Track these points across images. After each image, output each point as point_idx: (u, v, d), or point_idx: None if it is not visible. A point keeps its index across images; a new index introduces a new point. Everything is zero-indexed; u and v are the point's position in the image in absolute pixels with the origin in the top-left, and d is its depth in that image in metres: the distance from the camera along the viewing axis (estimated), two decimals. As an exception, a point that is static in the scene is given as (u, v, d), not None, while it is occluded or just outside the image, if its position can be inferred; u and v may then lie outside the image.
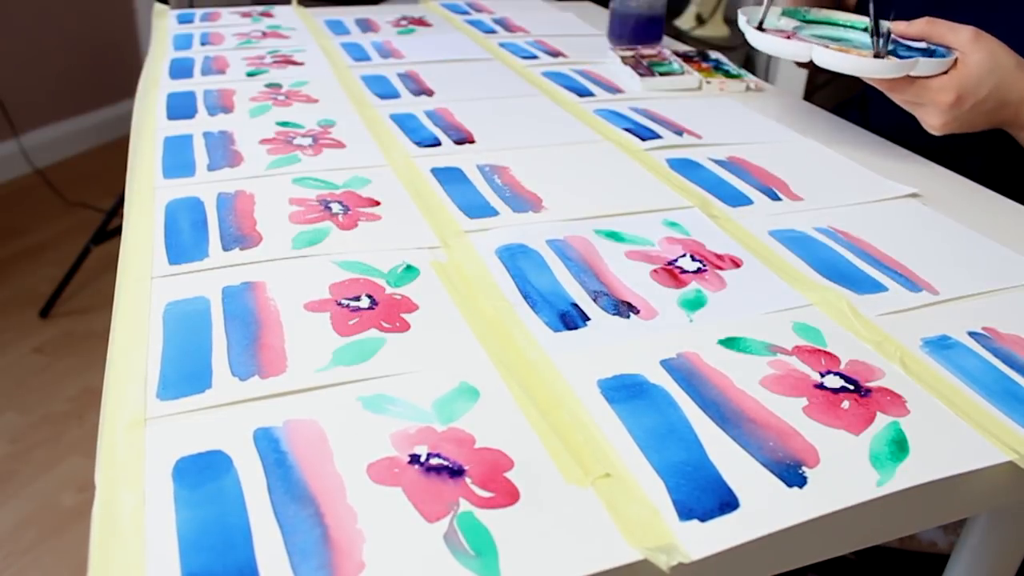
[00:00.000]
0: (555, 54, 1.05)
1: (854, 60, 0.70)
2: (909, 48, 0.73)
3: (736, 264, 0.57)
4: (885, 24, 0.73)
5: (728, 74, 0.97)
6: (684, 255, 0.58)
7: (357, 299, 0.51)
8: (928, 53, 0.71)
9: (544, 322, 0.50)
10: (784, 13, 0.84)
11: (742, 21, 0.80)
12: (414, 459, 0.39)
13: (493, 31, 1.15)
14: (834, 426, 0.42)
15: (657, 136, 0.79)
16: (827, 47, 0.72)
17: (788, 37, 0.77)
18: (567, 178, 0.70)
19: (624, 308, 0.52)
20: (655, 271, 0.56)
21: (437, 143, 0.76)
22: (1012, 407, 0.44)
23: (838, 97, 0.91)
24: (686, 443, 0.40)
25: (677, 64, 0.98)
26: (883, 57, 0.70)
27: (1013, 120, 0.70)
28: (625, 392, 0.44)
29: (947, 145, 0.75)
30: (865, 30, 0.81)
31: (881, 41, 0.72)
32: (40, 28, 2.45)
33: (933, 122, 0.70)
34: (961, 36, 0.69)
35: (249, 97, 0.85)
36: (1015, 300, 0.55)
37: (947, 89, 0.68)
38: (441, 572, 0.33)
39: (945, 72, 0.69)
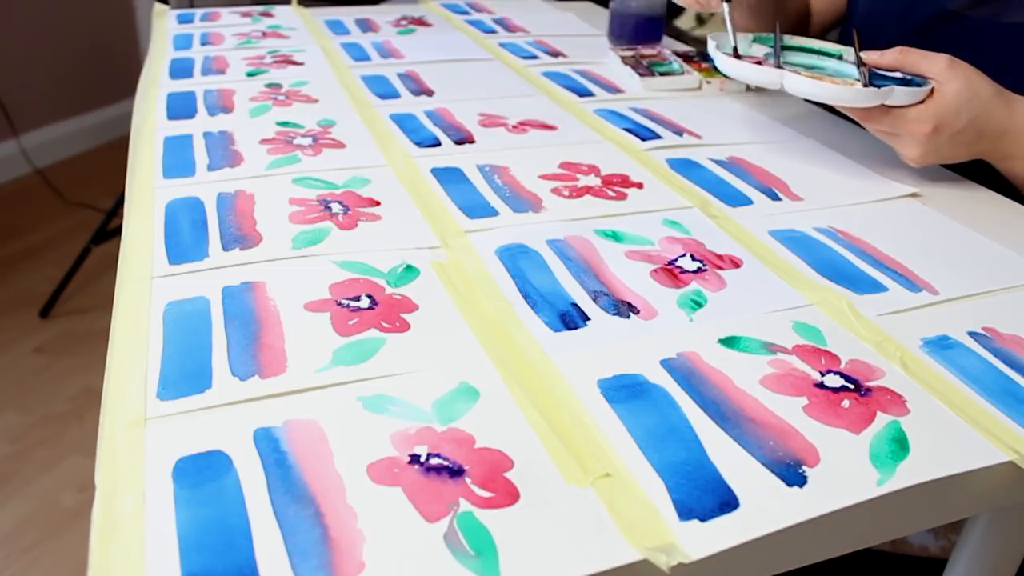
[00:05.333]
0: (555, 54, 1.05)
1: (827, 88, 0.67)
2: (884, 78, 0.71)
3: (736, 264, 0.57)
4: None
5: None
6: (684, 255, 0.58)
7: (357, 299, 0.51)
8: (903, 83, 0.69)
9: (544, 322, 0.50)
10: (756, 40, 0.82)
11: (711, 47, 0.77)
12: (414, 459, 0.39)
13: (493, 31, 1.15)
14: (834, 425, 0.42)
15: (657, 136, 0.79)
16: (799, 74, 0.69)
17: (759, 64, 0.74)
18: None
19: (624, 308, 0.52)
20: (655, 271, 0.56)
21: (437, 143, 0.76)
22: (1012, 407, 0.44)
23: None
24: (686, 443, 0.40)
25: (677, 64, 0.98)
26: (866, 87, 0.67)
27: (991, 151, 0.68)
28: (625, 392, 0.44)
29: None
30: (839, 58, 0.79)
31: (864, 71, 0.70)
32: (40, 28, 2.45)
33: (910, 153, 0.68)
34: (936, 65, 0.66)
35: (249, 97, 0.85)
36: (1015, 300, 0.55)
37: (924, 119, 0.66)
38: (441, 572, 0.33)
39: (921, 102, 0.66)
